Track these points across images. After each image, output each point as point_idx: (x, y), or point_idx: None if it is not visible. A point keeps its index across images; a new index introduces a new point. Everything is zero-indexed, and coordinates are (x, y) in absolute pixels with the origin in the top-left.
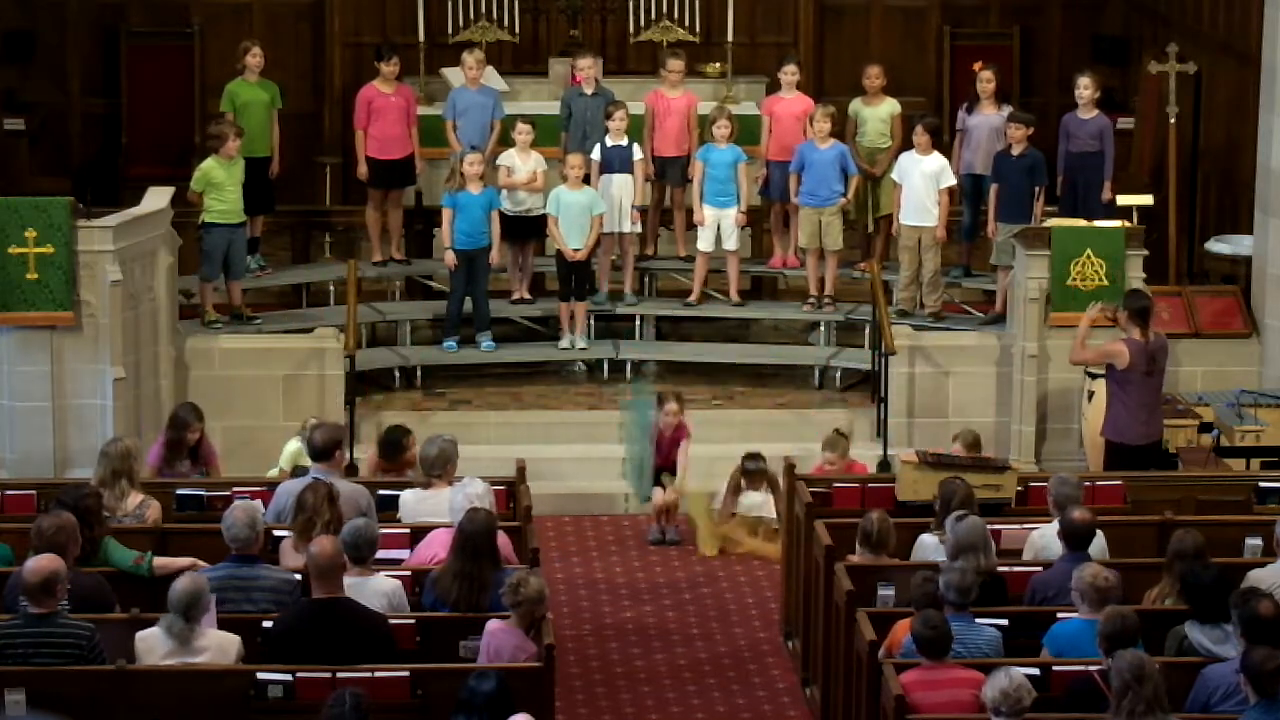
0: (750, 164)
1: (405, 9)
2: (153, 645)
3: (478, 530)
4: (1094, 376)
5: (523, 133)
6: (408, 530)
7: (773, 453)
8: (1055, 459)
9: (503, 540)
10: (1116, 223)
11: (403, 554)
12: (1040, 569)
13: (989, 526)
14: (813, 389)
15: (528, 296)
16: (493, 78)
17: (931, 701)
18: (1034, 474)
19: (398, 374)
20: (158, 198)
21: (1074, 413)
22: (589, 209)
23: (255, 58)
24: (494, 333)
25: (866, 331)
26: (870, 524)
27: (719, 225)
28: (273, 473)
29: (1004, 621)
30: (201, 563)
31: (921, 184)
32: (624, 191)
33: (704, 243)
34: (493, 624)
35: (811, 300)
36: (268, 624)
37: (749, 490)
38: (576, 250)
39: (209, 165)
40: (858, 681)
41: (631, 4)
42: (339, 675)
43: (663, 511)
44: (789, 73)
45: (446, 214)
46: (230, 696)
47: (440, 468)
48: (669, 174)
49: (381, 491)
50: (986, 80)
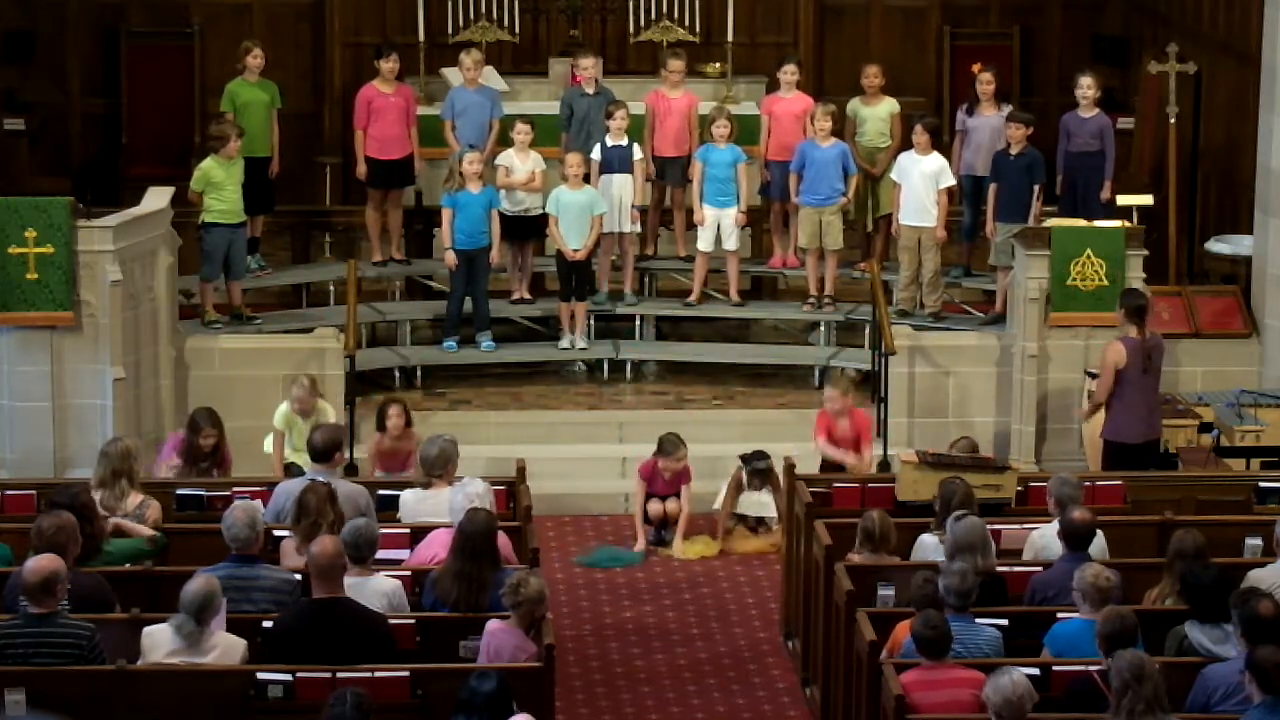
0: (750, 164)
1: (405, 9)
2: (159, 642)
3: (478, 530)
4: (1094, 376)
5: (521, 132)
6: (408, 530)
7: (773, 453)
8: (1055, 459)
9: (503, 540)
10: (1116, 223)
11: (403, 554)
12: (1040, 569)
13: (989, 526)
14: (813, 389)
15: (528, 296)
16: (493, 78)
17: (931, 701)
18: (1034, 474)
19: (398, 374)
20: (158, 198)
21: (1074, 413)
22: (589, 209)
23: (256, 58)
24: (494, 333)
25: (866, 331)
26: (871, 523)
27: (719, 225)
28: (268, 441)
29: (1004, 621)
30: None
31: (921, 184)
32: (624, 191)
33: (704, 243)
34: (493, 624)
35: (811, 300)
36: (268, 624)
37: (750, 490)
38: (576, 250)
39: (208, 165)
40: (858, 681)
41: (631, 4)
42: (339, 675)
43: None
44: (789, 72)
45: (446, 214)
46: (230, 696)
47: (440, 468)
48: (669, 174)
49: (381, 491)
50: (986, 82)
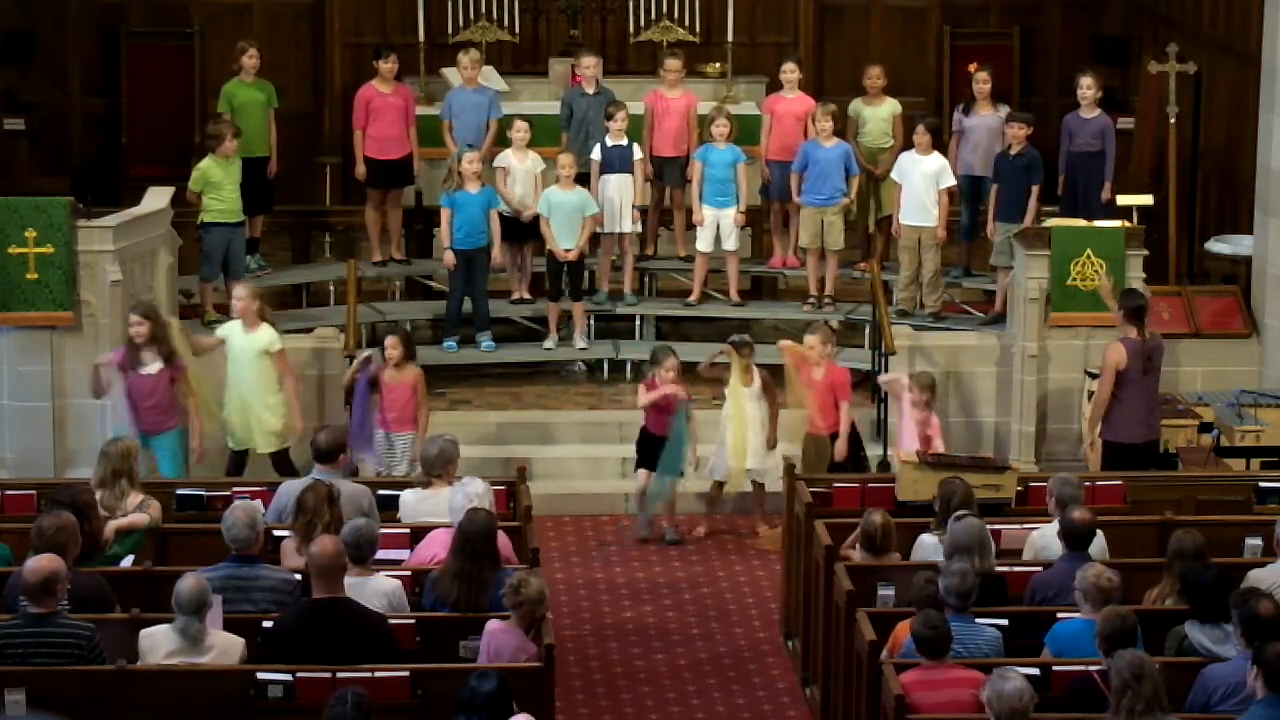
0: (750, 164)
1: (405, 9)
2: (157, 644)
3: (477, 530)
4: (1094, 376)
5: (519, 131)
6: (408, 530)
7: (772, 455)
8: (1055, 459)
9: (503, 540)
10: (1116, 223)
11: (403, 554)
12: (1040, 569)
13: (989, 526)
14: None
15: (527, 296)
16: (492, 78)
17: (931, 701)
18: (1034, 474)
19: None
20: (158, 198)
21: (1074, 413)
22: (580, 209)
23: (252, 59)
24: (494, 333)
25: (866, 331)
26: (873, 528)
27: (718, 225)
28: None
29: (1004, 621)
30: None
31: (921, 184)
32: (624, 191)
33: (703, 243)
34: (493, 624)
35: (811, 300)
36: (268, 624)
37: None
38: (568, 250)
39: (206, 165)
40: (858, 681)
41: (631, 4)
42: (339, 675)
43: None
44: (789, 71)
45: (445, 214)
46: (230, 696)
47: (440, 468)
48: (668, 174)
49: (381, 491)
50: (983, 81)
